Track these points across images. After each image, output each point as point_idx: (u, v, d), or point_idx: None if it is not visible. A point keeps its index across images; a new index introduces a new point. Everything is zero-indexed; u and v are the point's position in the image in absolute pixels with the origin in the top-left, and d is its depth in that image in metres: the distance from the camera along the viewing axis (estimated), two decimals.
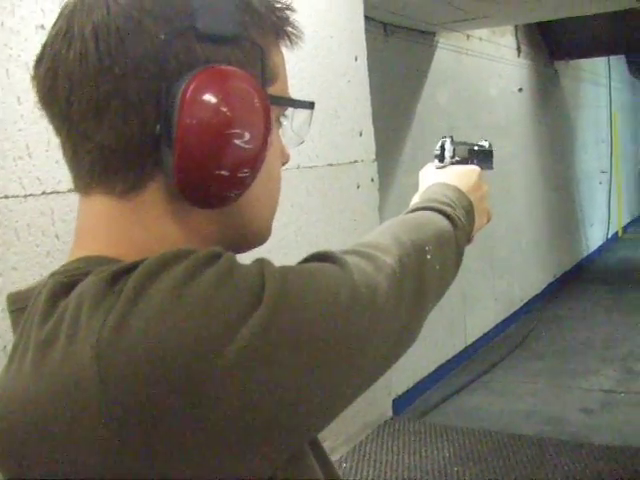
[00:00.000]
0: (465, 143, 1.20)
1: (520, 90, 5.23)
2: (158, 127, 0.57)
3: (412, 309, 0.71)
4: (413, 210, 0.90)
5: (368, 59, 3.29)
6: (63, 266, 0.64)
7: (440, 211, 0.87)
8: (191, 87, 0.56)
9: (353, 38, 1.94)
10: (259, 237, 0.72)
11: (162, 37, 0.57)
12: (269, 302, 0.53)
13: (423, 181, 1.06)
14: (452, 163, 1.10)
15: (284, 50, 0.72)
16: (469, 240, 1.04)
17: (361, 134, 1.98)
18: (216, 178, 0.58)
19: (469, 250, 0.95)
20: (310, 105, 0.73)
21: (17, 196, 1.11)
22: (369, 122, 2.01)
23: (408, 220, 0.83)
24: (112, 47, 0.57)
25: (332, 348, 0.57)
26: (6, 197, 1.09)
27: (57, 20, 0.61)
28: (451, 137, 1.14)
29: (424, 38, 3.75)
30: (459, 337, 4.22)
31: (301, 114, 0.74)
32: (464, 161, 1.13)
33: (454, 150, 1.12)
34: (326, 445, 1.84)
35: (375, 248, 0.70)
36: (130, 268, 0.54)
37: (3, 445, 0.54)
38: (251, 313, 0.52)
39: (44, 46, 0.61)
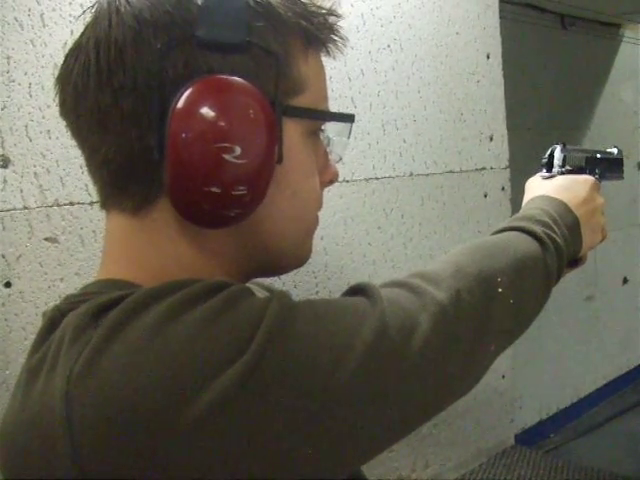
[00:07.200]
0: (585, 150, 1.06)
1: None
2: (152, 141, 0.55)
3: (467, 353, 0.61)
4: (500, 230, 0.79)
5: (543, 54, 3.07)
6: (82, 288, 0.64)
7: (529, 232, 0.76)
8: (182, 98, 0.54)
9: (485, 35, 1.79)
10: (291, 259, 0.67)
11: (159, 47, 0.55)
12: (258, 348, 0.48)
13: (527, 193, 0.95)
14: (562, 173, 0.97)
15: (325, 59, 0.67)
16: (578, 261, 0.92)
17: (492, 139, 1.83)
18: (207, 195, 0.54)
19: None
20: (348, 118, 0.68)
21: (83, 203, 1.14)
22: (502, 126, 1.84)
23: (484, 245, 0.72)
24: (111, 60, 0.56)
25: (329, 406, 0.50)
26: (71, 204, 1.12)
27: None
28: (563, 144, 1.01)
29: (607, 31, 3.42)
30: (635, 351, 3.84)
31: (344, 128, 0.69)
32: (579, 171, 1.00)
33: (564, 158, 0.99)
34: (431, 469, 1.73)
35: (428, 280, 0.62)
36: (118, 301, 0.52)
37: (3, 464, 0.54)
38: (236, 358, 0.47)
39: (63, 60, 0.61)
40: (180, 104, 0.53)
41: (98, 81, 0.56)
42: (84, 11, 0.61)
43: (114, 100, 0.56)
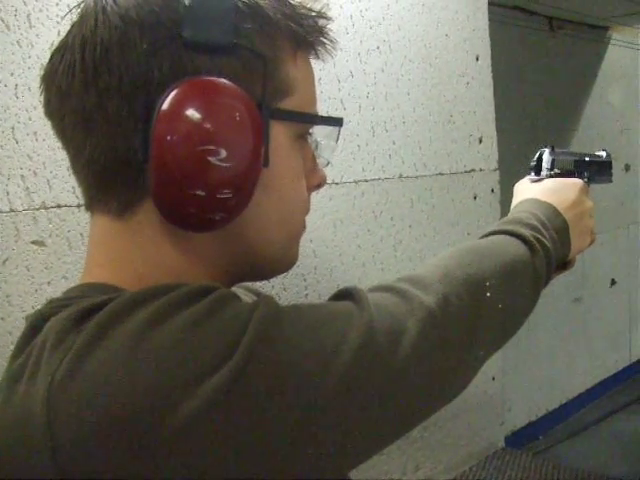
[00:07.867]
0: (573, 153, 1.06)
1: None
2: (137, 143, 0.54)
3: (456, 357, 0.61)
4: (489, 234, 0.79)
5: (532, 56, 3.08)
6: (65, 292, 0.63)
7: (518, 235, 0.75)
8: (167, 100, 0.53)
9: (474, 37, 1.79)
10: (277, 263, 0.67)
11: (145, 47, 0.54)
12: (244, 353, 0.47)
13: (516, 196, 0.95)
14: (551, 176, 0.97)
15: (315, 61, 0.66)
16: (566, 264, 0.92)
17: (481, 141, 1.83)
18: (191, 198, 0.54)
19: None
20: (336, 122, 0.67)
21: (70, 206, 1.12)
22: (491, 128, 1.84)
23: (473, 248, 0.72)
24: (96, 59, 0.55)
25: (316, 411, 0.50)
26: (59, 206, 1.11)
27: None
28: (551, 147, 1.01)
29: (595, 33, 3.44)
30: (623, 352, 3.87)
31: (332, 132, 0.69)
32: (568, 174, 1.00)
33: (553, 161, 0.99)
34: (421, 472, 1.73)
35: (416, 284, 0.62)
36: (101, 305, 0.51)
37: None
38: (222, 364, 0.47)
39: (49, 59, 0.60)
40: (165, 105, 0.53)
41: (83, 81, 0.56)
42: (70, 10, 0.60)
43: (99, 100, 0.55)
